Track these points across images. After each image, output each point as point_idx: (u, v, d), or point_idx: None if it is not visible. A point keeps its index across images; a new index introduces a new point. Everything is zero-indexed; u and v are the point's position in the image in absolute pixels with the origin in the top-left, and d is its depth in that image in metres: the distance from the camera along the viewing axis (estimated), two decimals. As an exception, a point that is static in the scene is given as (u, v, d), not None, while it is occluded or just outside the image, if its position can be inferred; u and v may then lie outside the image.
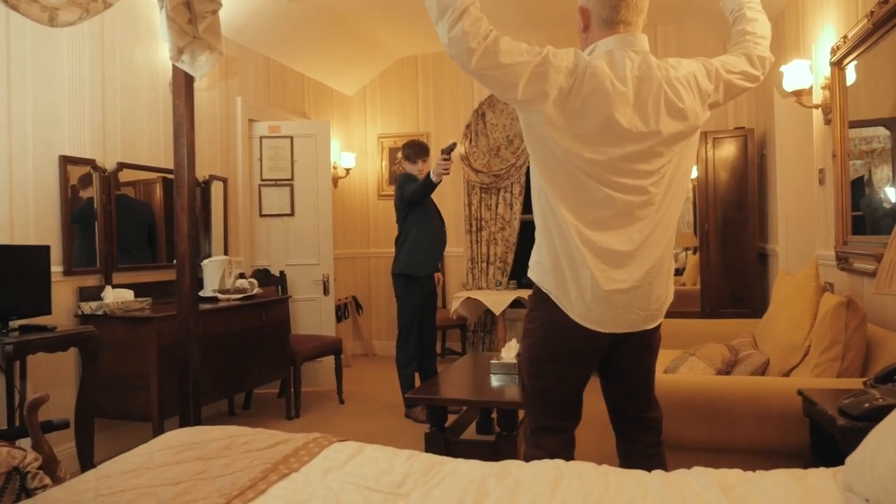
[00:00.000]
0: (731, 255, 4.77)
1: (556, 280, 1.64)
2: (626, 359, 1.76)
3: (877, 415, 1.55)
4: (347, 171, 6.05)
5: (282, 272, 4.74)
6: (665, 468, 1.58)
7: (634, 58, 1.59)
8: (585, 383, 1.78)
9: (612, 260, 1.60)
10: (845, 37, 2.84)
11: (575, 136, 1.55)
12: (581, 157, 1.56)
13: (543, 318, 1.70)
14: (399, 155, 4.80)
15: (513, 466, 1.44)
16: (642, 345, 1.75)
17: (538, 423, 1.78)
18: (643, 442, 1.79)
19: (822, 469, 1.40)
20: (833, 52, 3.01)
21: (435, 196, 4.15)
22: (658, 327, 1.76)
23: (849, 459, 1.31)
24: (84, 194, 3.38)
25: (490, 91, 1.66)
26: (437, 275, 4.36)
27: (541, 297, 1.70)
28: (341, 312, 5.86)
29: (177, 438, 1.64)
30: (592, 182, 1.57)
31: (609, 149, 1.56)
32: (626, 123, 1.54)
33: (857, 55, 2.77)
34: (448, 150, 3.69)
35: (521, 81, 1.51)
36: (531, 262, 1.74)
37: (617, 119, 1.54)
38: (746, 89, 1.77)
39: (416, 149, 4.16)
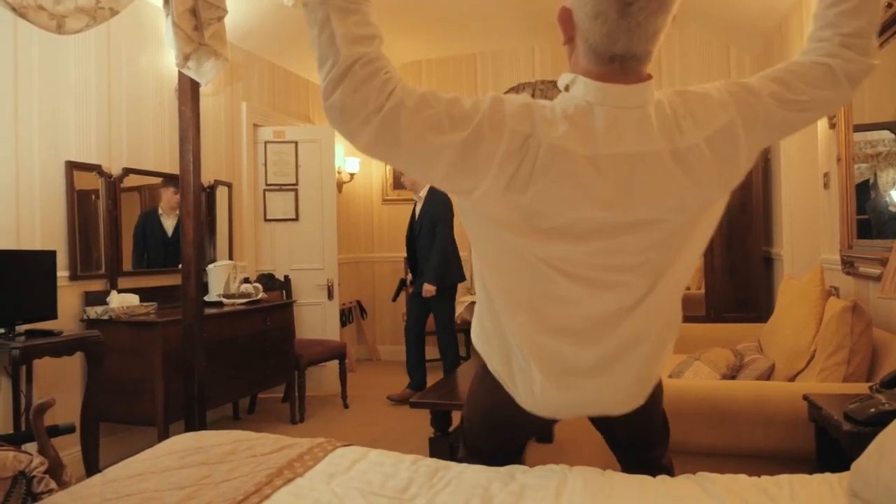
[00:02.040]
0: (735, 259, 4.76)
1: (503, 363, 1.24)
2: (610, 431, 1.43)
3: (882, 420, 1.55)
4: (352, 175, 6.07)
5: (286, 277, 4.75)
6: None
7: (626, 121, 1.02)
8: (524, 446, 1.55)
9: (571, 370, 1.19)
10: (849, 41, 2.84)
11: (524, 229, 1.05)
12: (538, 248, 1.08)
13: (486, 392, 1.33)
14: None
15: (517, 471, 1.44)
16: (628, 423, 1.32)
17: (467, 457, 1.52)
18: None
19: (827, 474, 1.39)
20: (837, 55, 3.01)
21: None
22: (651, 401, 1.31)
23: (854, 465, 1.30)
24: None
25: None
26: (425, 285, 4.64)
27: (486, 370, 1.31)
28: (345, 317, 5.86)
29: (182, 443, 1.64)
30: (555, 273, 1.09)
31: (578, 244, 1.07)
32: (602, 219, 1.04)
33: (862, 59, 2.77)
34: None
35: (438, 169, 1.01)
36: (473, 325, 1.33)
37: (589, 216, 1.04)
38: (817, 120, 1.19)
39: None
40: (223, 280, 4.03)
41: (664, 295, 1.15)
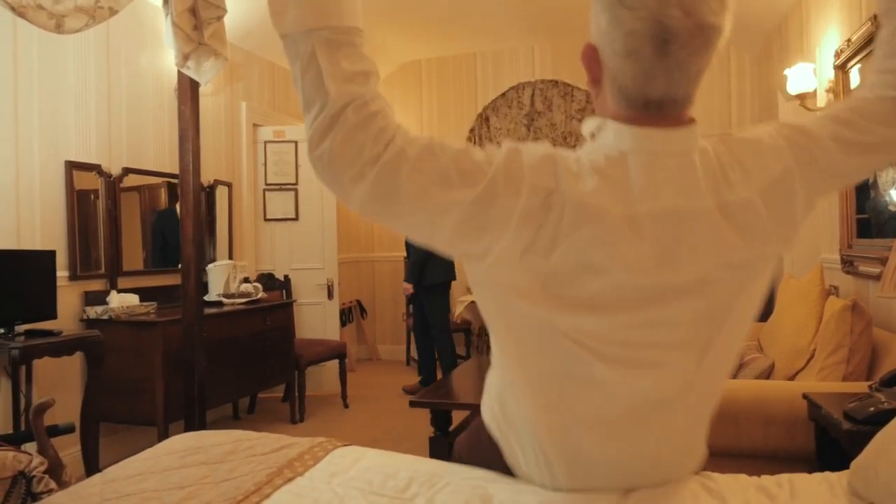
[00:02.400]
0: (735, 259, 4.76)
1: (521, 451, 1.09)
2: None
3: (882, 418, 1.55)
4: (351, 175, 6.07)
5: (286, 276, 4.75)
6: None
7: (667, 172, 0.87)
8: None
9: (609, 478, 1.03)
10: (849, 40, 2.85)
11: (546, 298, 0.88)
12: (562, 321, 0.90)
13: (500, 461, 1.17)
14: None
15: (517, 471, 1.44)
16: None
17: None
18: None
19: (827, 473, 1.39)
20: (837, 55, 3.01)
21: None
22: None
23: (854, 464, 1.30)
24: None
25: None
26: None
27: (497, 446, 1.15)
28: (345, 316, 5.87)
29: (182, 443, 1.64)
30: (582, 351, 0.92)
31: (611, 317, 0.90)
32: (640, 286, 0.88)
33: (861, 58, 2.77)
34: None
35: (445, 229, 0.85)
36: (487, 399, 1.15)
37: (624, 283, 0.88)
38: (887, 164, 1.04)
39: None
40: (223, 280, 4.03)
41: (712, 372, 0.98)
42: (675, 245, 0.87)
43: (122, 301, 3.31)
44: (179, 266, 3.08)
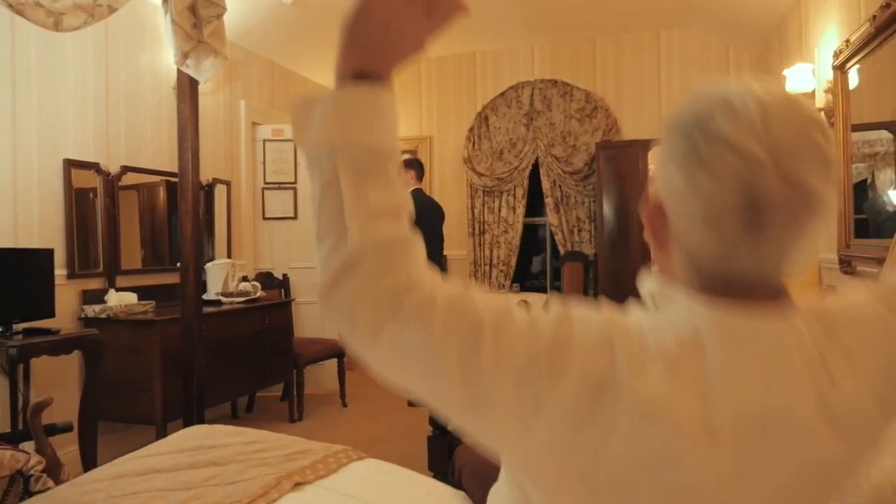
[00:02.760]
0: (734, 259, 4.76)
1: None
2: None
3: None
4: (350, 174, 6.07)
5: (285, 275, 4.75)
6: None
7: (755, 359, 0.68)
8: None
9: None
10: (848, 40, 2.85)
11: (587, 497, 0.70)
12: None
13: None
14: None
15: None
16: None
17: None
18: None
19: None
20: (836, 55, 3.02)
21: (438, 197, 4.57)
22: None
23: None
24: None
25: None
26: None
27: None
28: (344, 315, 5.86)
29: (193, 440, 1.64)
30: None
31: None
32: (709, 501, 0.69)
33: (860, 59, 2.77)
34: None
35: (480, 409, 0.68)
36: None
37: (690, 500, 0.69)
38: None
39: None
40: (221, 278, 4.02)
41: None
42: (760, 453, 0.67)
43: (120, 300, 3.30)
44: (178, 265, 3.07)
